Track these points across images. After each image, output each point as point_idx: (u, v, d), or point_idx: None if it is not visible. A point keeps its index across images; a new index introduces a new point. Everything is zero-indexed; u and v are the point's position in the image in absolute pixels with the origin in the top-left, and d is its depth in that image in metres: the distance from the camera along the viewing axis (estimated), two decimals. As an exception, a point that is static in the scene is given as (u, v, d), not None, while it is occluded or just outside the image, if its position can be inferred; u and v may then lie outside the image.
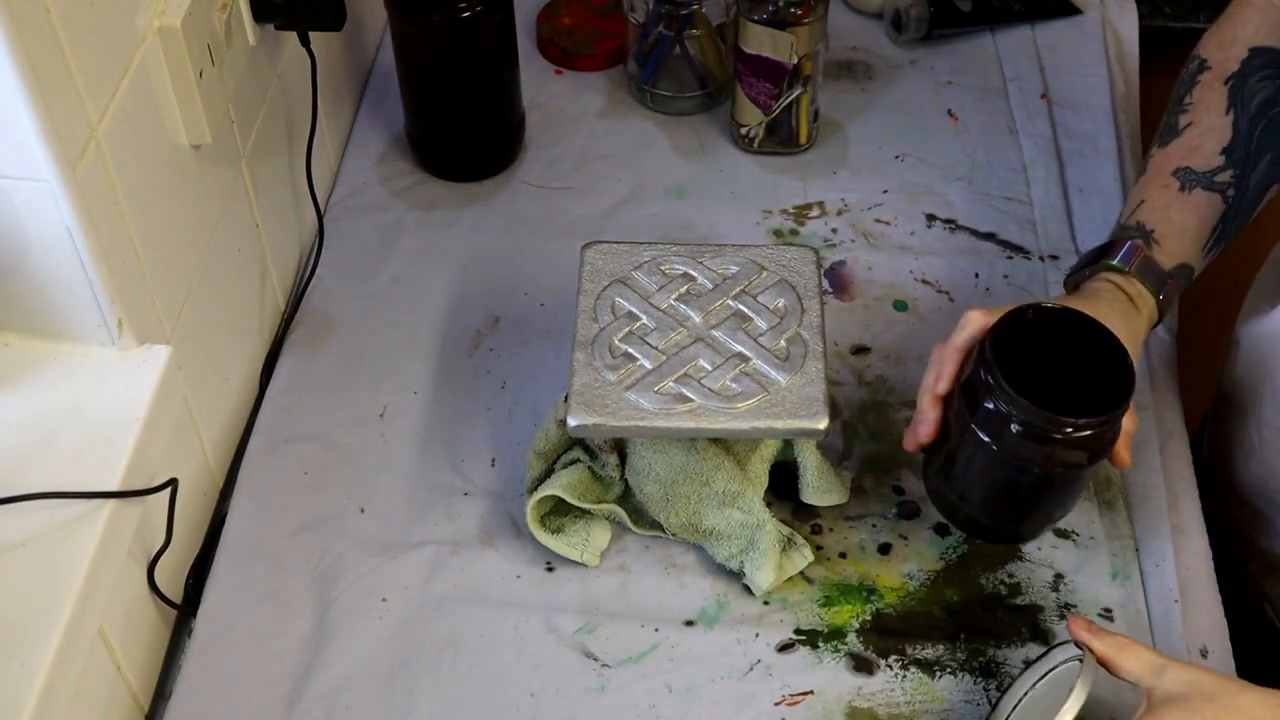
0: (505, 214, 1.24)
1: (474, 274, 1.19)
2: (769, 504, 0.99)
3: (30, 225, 0.81)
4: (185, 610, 0.98)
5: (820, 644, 0.95)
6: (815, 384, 0.94)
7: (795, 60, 1.21)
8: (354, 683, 0.94)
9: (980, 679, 0.94)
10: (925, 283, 1.17)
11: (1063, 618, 0.96)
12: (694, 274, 1.00)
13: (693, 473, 0.97)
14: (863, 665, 0.94)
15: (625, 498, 1.02)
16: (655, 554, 1.00)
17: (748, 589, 0.98)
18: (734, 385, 0.94)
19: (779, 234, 1.22)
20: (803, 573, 0.98)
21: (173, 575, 0.98)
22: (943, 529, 1.01)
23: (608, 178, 1.27)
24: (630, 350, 0.96)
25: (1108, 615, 0.96)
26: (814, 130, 1.29)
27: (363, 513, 1.03)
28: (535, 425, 1.06)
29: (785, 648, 0.95)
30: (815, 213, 1.24)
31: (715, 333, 0.97)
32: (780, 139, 1.28)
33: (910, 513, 1.02)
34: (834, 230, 1.22)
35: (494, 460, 1.06)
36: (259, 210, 1.10)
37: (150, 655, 0.96)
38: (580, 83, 1.37)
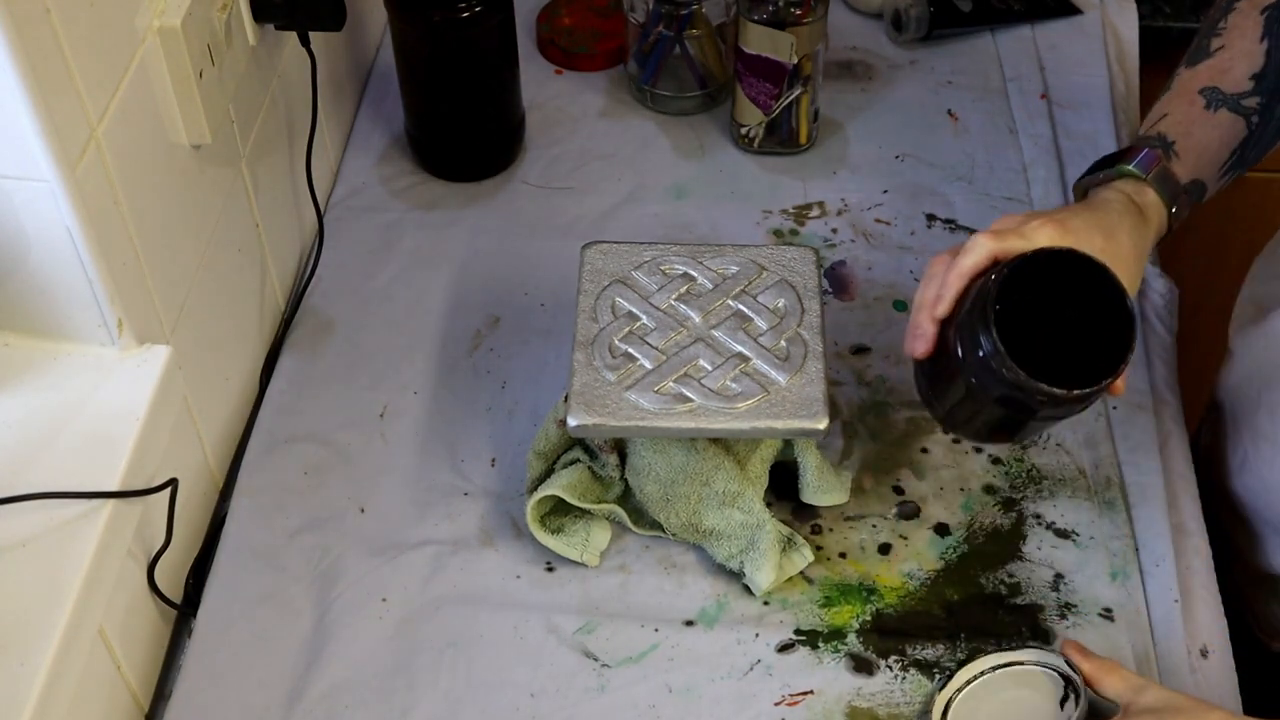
0: (505, 214, 1.24)
1: (474, 274, 1.19)
2: (769, 504, 0.99)
3: (30, 225, 0.81)
4: (185, 610, 0.98)
5: (820, 644, 0.95)
6: (815, 384, 0.94)
7: (795, 60, 1.21)
8: (354, 683, 0.94)
9: (980, 679, 0.94)
10: (925, 283, 1.17)
11: (1063, 617, 0.96)
12: (694, 274, 1.00)
13: (693, 473, 0.97)
14: (863, 665, 0.94)
15: (625, 498, 1.02)
16: (655, 554, 1.00)
17: (748, 589, 0.98)
18: (734, 385, 0.94)
19: (779, 234, 1.22)
20: (803, 573, 0.98)
21: (173, 575, 0.98)
22: (943, 529, 1.01)
23: (608, 178, 1.27)
24: (630, 350, 0.96)
25: (1108, 615, 0.96)
26: (814, 130, 1.29)
27: (363, 513, 1.03)
28: (535, 425, 1.06)
29: (785, 648, 0.95)
30: (815, 213, 1.24)
31: (715, 333, 0.97)
32: (780, 139, 1.28)
33: (910, 513, 1.02)
34: (834, 230, 1.22)
35: (494, 460, 1.06)
36: (259, 210, 1.10)
37: (150, 655, 0.96)
38: (580, 83, 1.37)
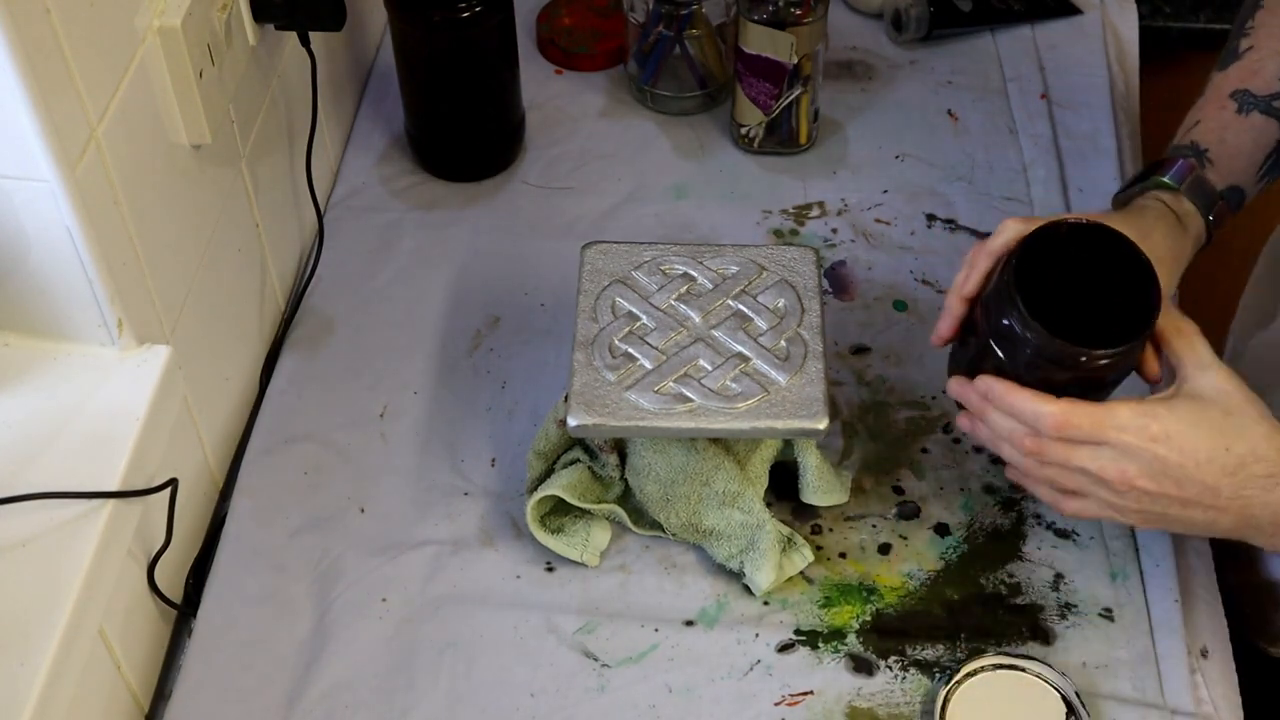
0: (505, 214, 1.24)
1: (474, 274, 1.19)
2: (769, 504, 0.99)
3: (30, 225, 0.81)
4: (185, 610, 0.98)
5: (820, 644, 0.95)
6: (815, 384, 0.94)
7: (795, 60, 1.21)
8: (354, 683, 0.94)
9: (980, 679, 0.94)
10: (925, 283, 1.17)
11: (1063, 617, 0.96)
12: (694, 274, 1.00)
13: (693, 473, 0.97)
14: (863, 666, 0.94)
15: (625, 498, 1.02)
16: (655, 554, 1.00)
17: (748, 589, 0.98)
18: (734, 385, 0.94)
19: (779, 234, 1.22)
20: (803, 573, 0.98)
21: (173, 575, 0.98)
22: (943, 529, 1.01)
23: (608, 178, 1.27)
24: (630, 350, 0.96)
25: (1108, 615, 0.96)
26: (814, 130, 1.29)
27: (363, 513, 1.03)
28: (535, 425, 1.06)
29: (785, 648, 0.95)
30: (815, 213, 1.24)
31: (715, 333, 0.97)
32: (780, 139, 1.28)
33: (910, 513, 1.02)
34: (834, 230, 1.22)
35: (494, 460, 1.06)
36: (259, 210, 1.10)
37: (150, 655, 0.96)
38: (580, 83, 1.37)
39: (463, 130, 1.25)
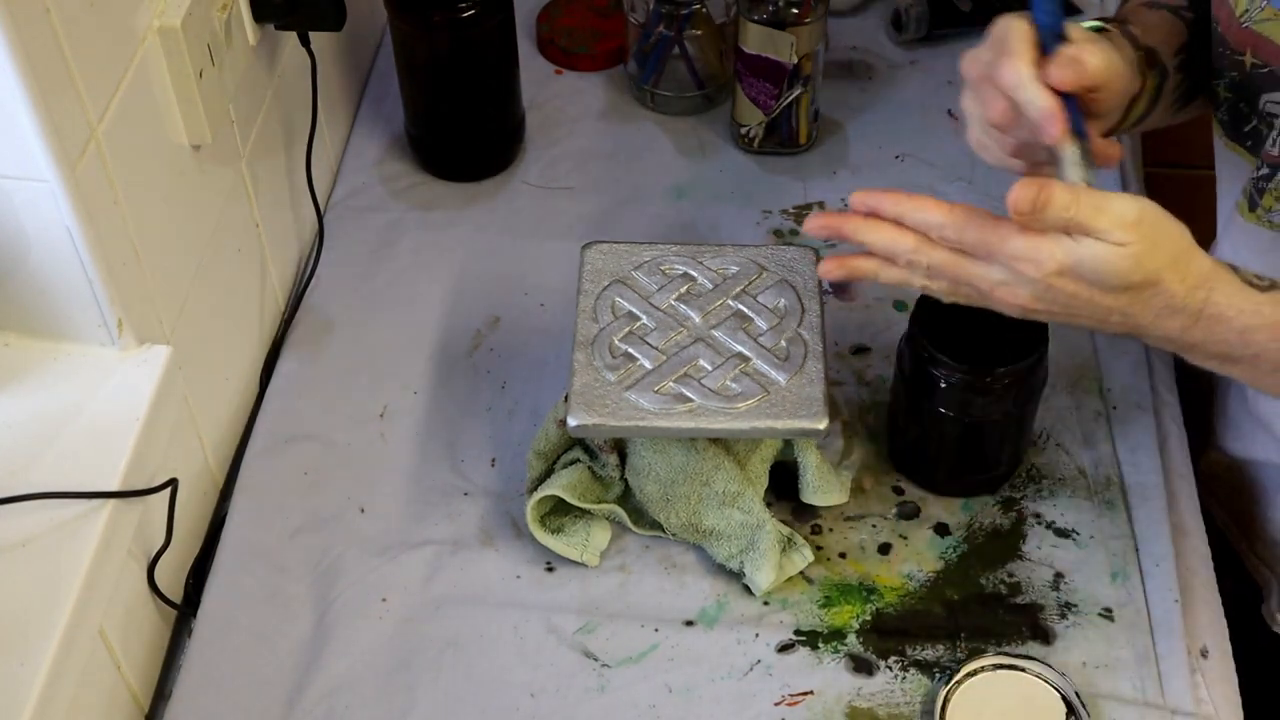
0: (505, 214, 1.24)
1: (474, 274, 1.19)
2: (769, 504, 0.99)
3: (30, 225, 0.81)
4: (185, 610, 0.98)
5: (820, 644, 0.95)
6: (815, 384, 0.94)
7: (795, 60, 1.21)
8: (354, 683, 0.94)
9: (980, 679, 0.94)
10: (925, 283, 1.17)
11: (1063, 617, 0.96)
12: (694, 274, 1.00)
13: (693, 473, 0.97)
14: (863, 666, 0.94)
15: (625, 498, 1.02)
16: (655, 554, 1.00)
17: (748, 589, 0.98)
18: (734, 385, 0.94)
19: (779, 234, 1.22)
20: (803, 573, 0.98)
21: (173, 575, 0.98)
22: (943, 529, 1.01)
23: (608, 178, 1.27)
24: (630, 350, 0.96)
25: (1108, 615, 0.96)
26: (814, 130, 1.29)
27: (363, 513, 1.03)
28: (535, 425, 1.06)
29: (785, 648, 0.95)
30: (815, 213, 1.24)
31: (715, 333, 0.97)
32: (780, 139, 1.28)
33: (910, 513, 1.02)
34: (834, 230, 1.22)
35: (494, 460, 1.06)
36: (259, 210, 1.10)
37: (150, 655, 0.96)
38: (580, 83, 1.37)
39: (463, 130, 1.25)
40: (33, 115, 0.75)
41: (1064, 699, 0.90)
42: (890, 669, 0.94)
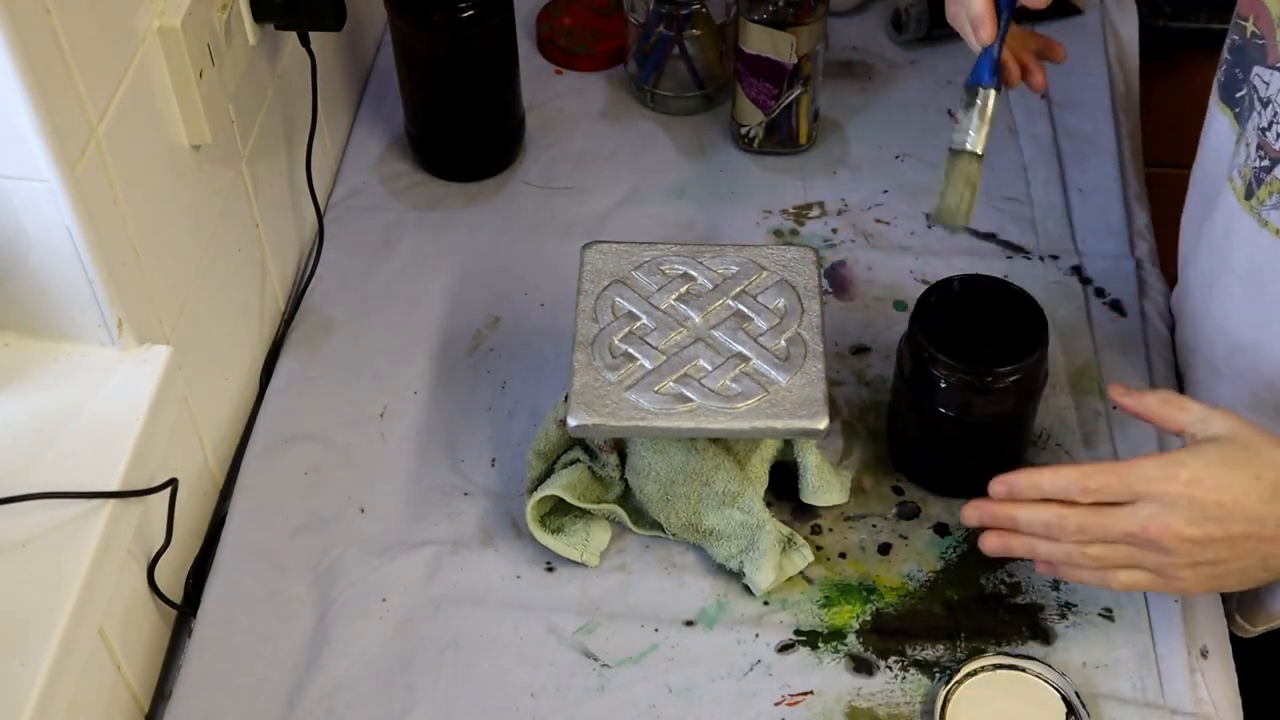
0: (505, 214, 1.24)
1: (474, 274, 1.19)
2: (769, 504, 0.99)
3: (30, 225, 0.81)
4: (185, 610, 0.98)
5: (820, 644, 0.95)
6: (815, 384, 0.94)
7: (795, 60, 1.21)
8: (354, 683, 0.94)
9: (980, 679, 0.94)
10: (925, 283, 1.17)
11: (1063, 617, 0.96)
12: (694, 274, 1.00)
13: (693, 473, 0.97)
14: (863, 666, 0.94)
15: (625, 498, 1.02)
16: (655, 554, 1.00)
17: (748, 589, 0.98)
18: (734, 385, 0.94)
19: (779, 234, 1.22)
20: (803, 573, 0.98)
21: (173, 575, 0.98)
22: (943, 529, 1.01)
23: (608, 178, 1.27)
24: (630, 350, 0.96)
25: (1108, 615, 0.96)
26: (814, 130, 1.29)
27: (363, 513, 1.03)
28: (535, 425, 1.06)
29: (785, 648, 0.95)
30: (815, 213, 1.24)
31: (715, 333, 0.97)
32: (780, 139, 1.28)
33: (910, 513, 1.02)
34: (834, 230, 1.22)
35: (494, 460, 1.06)
36: (259, 210, 1.10)
37: (150, 655, 0.96)
38: (580, 83, 1.37)
39: (463, 130, 1.25)
40: (33, 115, 0.75)
41: (1064, 699, 0.90)
42: (890, 669, 0.94)
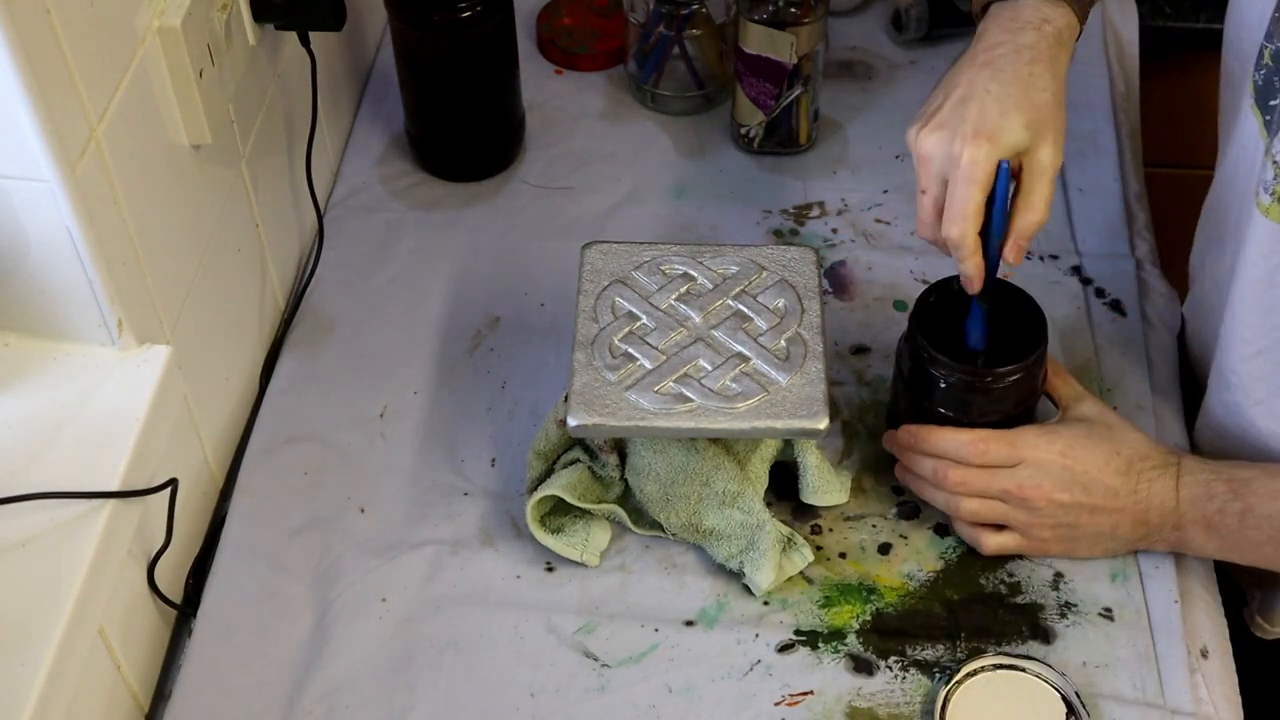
0: (505, 214, 1.24)
1: (474, 274, 1.19)
2: (769, 504, 0.99)
3: (30, 225, 0.81)
4: (185, 610, 0.98)
5: (820, 644, 0.95)
6: (815, 384, 0.94)
7: (795, 60, 1.21)
8: (354, 683, 0.94)
9: (980, 679, 0.94)
10: (925, 283, 1.17)
11: (1063, 616, 0.96)
12: (694, 274, 1.00)
13: (693, 473, 0.97)
14: (863, 666, 0.94)
15: (625, 498, 1.02)
16: (655, 554, 1.00)
17: (748, 589, 0.98)
18: (734, 385, 0.94)
19: (779, 234, 1.22)
20: (803, 573, 0.98)
21: (173, 575, 0.98)
22: (943, 529, 1.01)
23: (608, 178, 1.27)
24: (630, 350, 0.96)
25: (1108, 615, 0.96)
26: (814, 130, 1.29)
27: (363, 513, 1.03)
28: (535, 425, 1.06)
29: (785, 648, 0.95)
30: (815, 213, 1.24)
31: (715, 333, 0.97)
32: (780, 139, 1.28)
33: (910, 513, 1.02)
34: (834, 230, 1.22)
35: (494, 460, 1.06)
36: (259, 210, 1.10)
37: (150, 655, 0.96)
38: (580, 83, 1.37)
39: (463, 130, 1.25)
40: (33, 115, 0.75)
41: (1064, 699, 0.90)
42: (890, 669, 0.94)
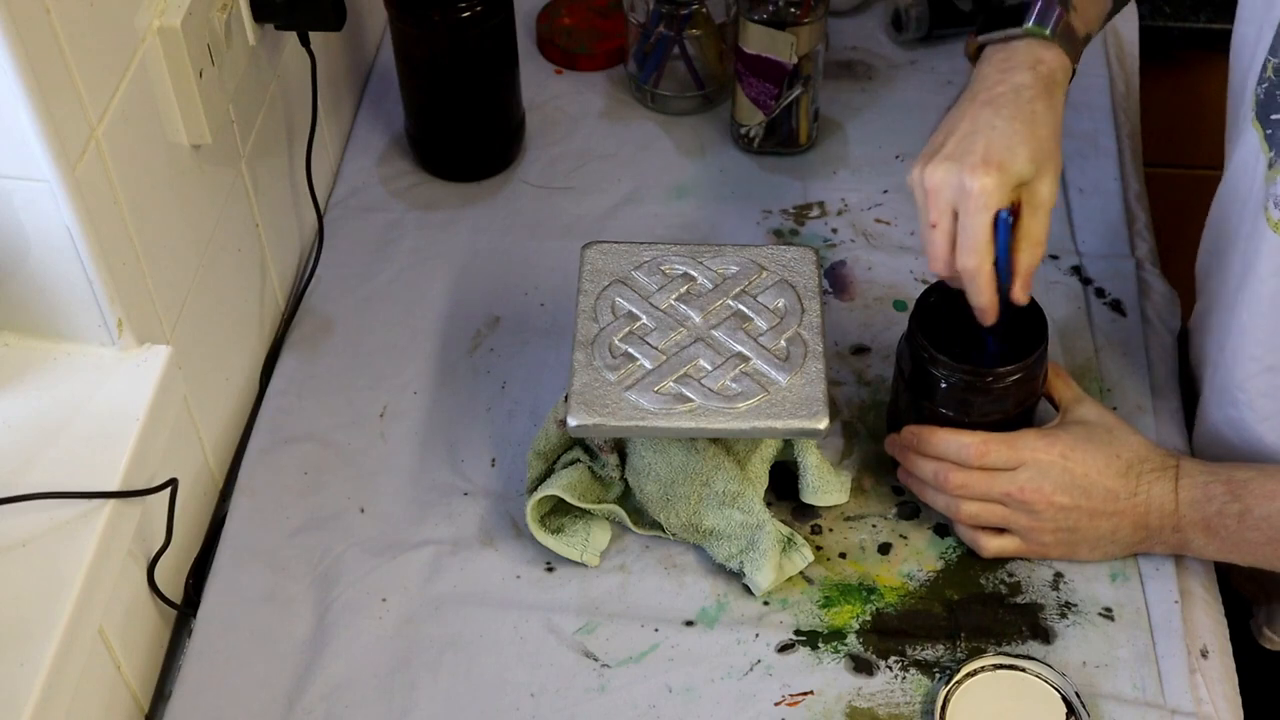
0: (505, 214, 1.24)
1: (474, 274, 1.19)
2: (769, 504, 0.99)
3: (30, 225, 0.81)
4: (185, 610, 0.98)
5: (820, 644, 0.95)
6: (815, 384, 0.94)
7: (795, 60, 1.21)
8: (354, 683, 0.94)
9: (980, 679, 0.94)
10: (925, 283, 1.17)
11: (1063, 616, 0.96)
12: (694, 274, 1.00)
13: (693, 473, 0.97)
14: (863, 666, 0.94)
15: (625, 498, 1.02)
16: (655, 554, 1.00)
17: (748, 589, 0.98)
18: (734, 385, 0.94)
19: (779, 234, 1.22)
20: (803, 573, 0.98)
21: (173, 575, 0.98)
22: (943, 529, 1.01)
23: (608, 178, 1.27)
24: (630, 350, 0.96)
25: (1108, 615, 0.96)
26: (814, 130, 1.29)
27: (363, 513, 1.03)
28: (535, 425, 1.06)
29: (785, 648, 0.95)
30: (815, 213, 1.24)
31: (715, 333, 0.97)
32: (780, 139, 1.28)
33: (910, 513, 1.02)
34: (834, 230, 1.22)
35: (494, 460, 1.06)
36: (259, 210, 1.10)
37: (150, 655, 0.96)
38: (580, 83, 1.37)
39: (463, 130, 1.25)
40: (33, 115, 0.75)
41: (1064, 699, 0.90)
42: (890, 669, 0.94)
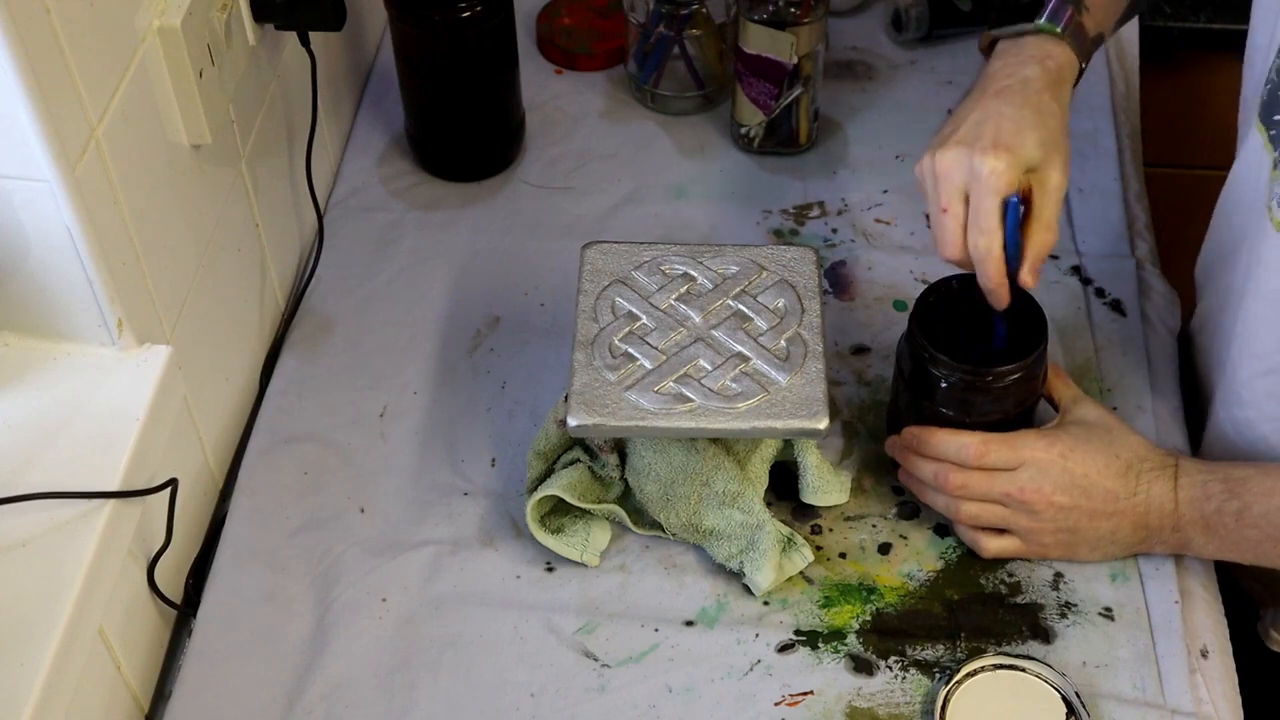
0: (505, 214, 1.24)
1: (474, 274, 1.19)
2: (769, 504, 0.99)
3: (30, 225, 0.81)
4: (185, 610, 0.98)
5: (820, 644, 0.95)
6: (815, 384, 0.94)
7: (795, 60, 1.21)
8: (354, 683, 0.94)
9: (980, 679, 0.94)
10: (925, 283, 1.17)
11: (1063, 616, 0.96)
12: (694, 274, 1.00)
13: (693, 473, 0.97)
14: (863, 666, 0.94)
15: (625, 498, 1.02)
16: (655, 554, 1.00)
17: (748, 589, 0.98)
18: (734, 385, 0.94)
19: (779, 234, 1.22)
20: (803, 573, 0.98)
21: (173, 575, 0.98)
22: (943, 529, 1.01)
23: (608, 178, 1.27)
24: (630, 350, 0.96)
25: (1108, 615, 0.96)
26: (814, 130, 1.29)
27: (363, 513, 1.03)
28: (535, 425, 1.06)
29: (785, 648, 0.95)
30: (815, 213, 1.24)
31: (715, 333, 0.97)
32: (780, 139, 1.28)
33: (910, 513, 1.02)
34: (834, 230, 1.22)
35: (494, 460, 1.06)
36: (259, 210, 1.10)
37: (150, 655, 0.96)
38: (580, 83, 1.37)
39: (463, 130, 1.25)
40: (33, 115, 0.75)
41: (1064, 699, 0.90)
42: (890, 669, 0.94)
